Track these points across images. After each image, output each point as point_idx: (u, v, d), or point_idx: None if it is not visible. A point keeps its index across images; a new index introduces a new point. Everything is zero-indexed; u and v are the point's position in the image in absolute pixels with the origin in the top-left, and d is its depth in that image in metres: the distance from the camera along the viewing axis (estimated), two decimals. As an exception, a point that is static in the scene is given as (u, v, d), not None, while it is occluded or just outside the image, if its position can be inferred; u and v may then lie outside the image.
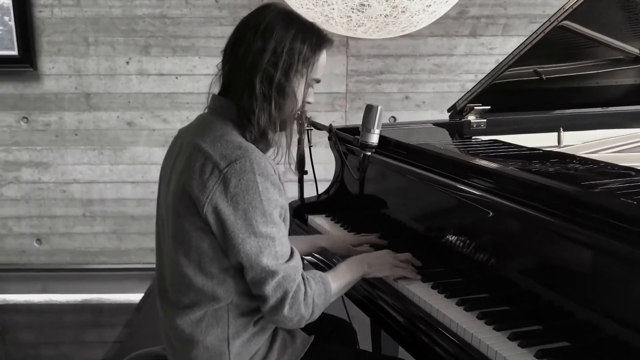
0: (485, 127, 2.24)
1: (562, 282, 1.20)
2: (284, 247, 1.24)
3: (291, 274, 1.22)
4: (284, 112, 1.29)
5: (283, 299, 1.21)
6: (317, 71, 1.34)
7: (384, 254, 1.49)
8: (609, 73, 2.44)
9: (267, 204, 1.21)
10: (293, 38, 1.27)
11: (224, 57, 1.34)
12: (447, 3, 2.35)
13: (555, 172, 1.42)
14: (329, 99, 3.41)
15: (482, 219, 1.40)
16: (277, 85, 1.27)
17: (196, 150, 1.26)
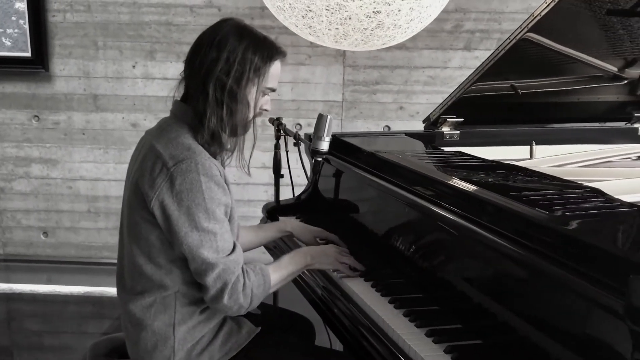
0: (458, 138, 2.32)
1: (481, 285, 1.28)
2: (226, 242, 1.34)
3: (231, 267, 1.33)
4: (235, 117, 1.40)
5: (222, 289, 1.32)
6: (270, 80, 1.45)
7: (328, 247, 1.60)
8: (589, 89, 2.49)
9: (210, 201, 1.32)
10: (245, 49, 1.39)
11: (184, 66, 1.46)
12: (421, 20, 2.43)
13: (491, 182, 1.49)
14: (326, 107, 3.51)
15: (420, 224, 1.49)
16: (229, 92, 1.38)
17: (151, 150, 1.38)
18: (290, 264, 1.50)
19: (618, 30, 2.27)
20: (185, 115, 1.42)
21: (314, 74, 3.46)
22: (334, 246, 1.62)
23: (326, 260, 1.55)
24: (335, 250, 1.59)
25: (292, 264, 1.50)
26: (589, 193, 1.39)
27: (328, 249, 1.59)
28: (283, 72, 3.62)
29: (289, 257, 1.52)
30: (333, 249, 1.58)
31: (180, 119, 1.43)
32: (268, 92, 1.48)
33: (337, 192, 2.01)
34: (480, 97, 2.30)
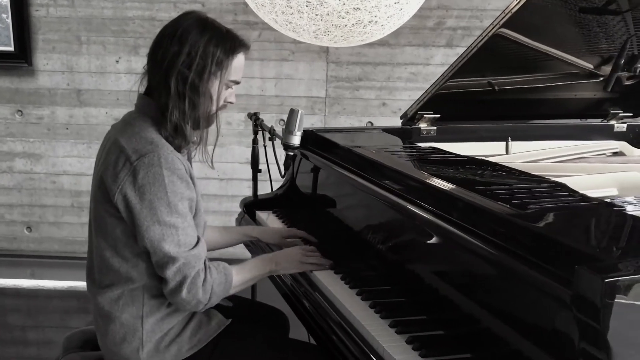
0: (435, 134, 2.34)
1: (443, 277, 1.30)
2: (188, 236, 1.36)
3: (192, 262, 1.34)
4: (198, 110, 1.41)
5: (181, 283, 1.33)
6: (233, 73, 1.45)
7: (294, 251, 1.60)
8: (566, 86, 2.51)
9: (173, 195, 1.34)
10: (207, 42, 1.40)
11: (147, 60, 1.47)
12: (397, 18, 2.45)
13: (459, 177, 1.52)
14: (309, 102, 3.53)
15: (388, 218, 1.51)
16: (190, 85, 1.38)
17: (114, 144, 1.39)
18: (255, 268, 1.52)
19: (594, 27, 2.29)
20: (148, 109, 1.43)
21: (298, 70, 3.48)
22: (299, 247, 1.62)
23: (291, 265, 1.57)
24: (301, 252, 1.59)
25: (256, 269, 1.52)
26: (553, 188, 1.42)
27: (293, 252, 1.60)
28: (266, 67, 3.66)
29: (253, 262, 1.54)
30: (299, 252, 1.59)
31: (144, 112, 1.44)
32: (232, 85, 1.48)
33: (313, 187, 2.03)
34: (457, 93, 2.32)
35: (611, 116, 2.58)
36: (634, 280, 0.87)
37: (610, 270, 0.88)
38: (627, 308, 0.87)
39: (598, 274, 0.85)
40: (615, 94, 2.56)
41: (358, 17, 2.41)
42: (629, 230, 1.13)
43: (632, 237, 1.10)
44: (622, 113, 2.58)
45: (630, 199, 1.72)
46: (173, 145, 1.39)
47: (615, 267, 0.90)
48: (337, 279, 1.52)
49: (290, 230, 1.80)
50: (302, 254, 1.60)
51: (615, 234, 1.12)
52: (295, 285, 1.59)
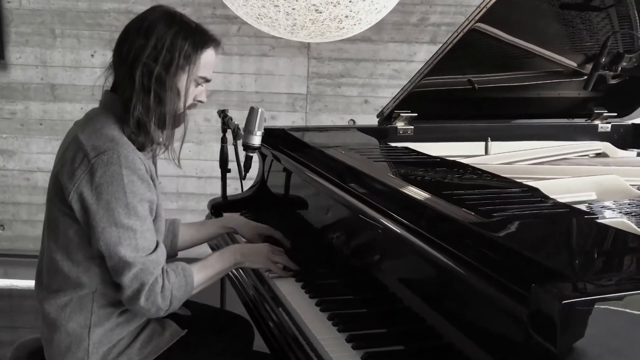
0: (412, 133, 2.27)
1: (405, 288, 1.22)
2: (146, 241, 1.28)
3: (149, 267, 1.26)
4: (164, 105, 1.33)
5: (139, 290, 1.25)
6: (203, 69, 1.38)
7: (261, 246, 1.54)
8: (550, 85, 2.44)
9: (132, 196, 1.26)
10: (174, 35, 1.32)
11: (112, 54, 1.39)
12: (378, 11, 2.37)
13: (427, 181, 1.44)
14: (290, 99, 3.44)
15: (351, 223, 1.43)
16: (157, 79, 1.31)
17: (74, 141, 1.31)
18: (218, 262, 1.43)
19: (577, 24, 2.22)
20: (112, 105, 1.36)
21: (278, 66, 3.39)
22: (267, 245, 1.56)
23: (257, 259, 1.49)
24: (269, 249, 1.52)
25: (220, 262, 1.44)
26: (525, 193, 1.34)
27: (261, 247, 1.53)
28: (245, 63, 3.57)
29: (216, 255, 1.45)
30: (266, 248, 1.52)
31: (107, 109, 1.36)
32: (202, 82, 1.41)
33: (283, 188, 1.95)
34: (436, 91, 2.24)
35: (595, 116, 2.51)
36: (595, 301, 0.79)
37: (570, 290, 0.81)
38: (587, 330, 0.80)
39: (555, 295, 0.78)
40: (599, 93, 2.49)
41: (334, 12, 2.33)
42: (597, 242, 1.06)
43: (599, 250, 1.02)
44: (606, 113, 2.51)
45: (609, 204, 1.65)
46: (136, 144, 1.32)
47: (576, 286, 0.82)
48: (297, 287, 1.45)
49: (267, 229, 1.73)
50: (270, 251, 1.53)
51: (582, 246, 1.04)
52: (256, 294, 1.51)
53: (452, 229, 1.12)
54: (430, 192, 1.31)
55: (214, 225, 1.75)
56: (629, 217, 1.55)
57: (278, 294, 1.44)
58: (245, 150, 1.61)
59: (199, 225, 1.74)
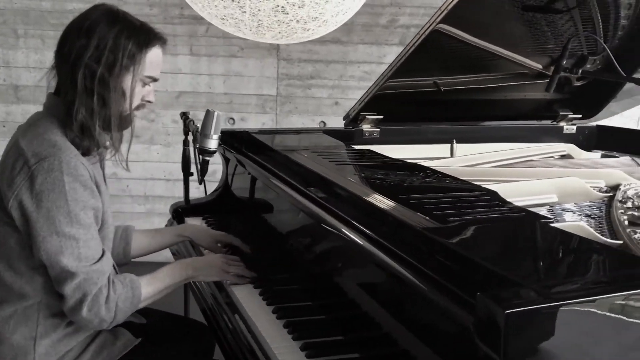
0: (378, 136, 2.25)
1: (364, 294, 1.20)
2: (90, 250, 1.24)
3: (93, 277, 1.22)
4: (108, 107, 1.29)
5: (82, 300, 1.21)
6: (149, 69, 1.34)
7: (215, 258, 1.50)
8: (516, 87, 2.44)
9: (74, 204, 1.21)
10: (117, 34, 1.28)
11: (54, 57, 1.34)
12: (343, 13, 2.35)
13: (386, 185, 1.42)
14: (260, 101, 3.41)
15: (308, 227, 1.41)
16: (99, 80, 1.27)
17: (14, 146, 1.27)
18: (168, 276, 1.40)
19: (542, 26, 2.22)
20: (55, 108, 1.31)
21: (247, 67, 3.36)
22: (221, 256, 1.52)
23: (211, 271, 1.46)
24: (222, 260, 1.49)
25: (170, 276, 1.40)
26: (482, 197, 1.33)
27: (214, 259, 1.50)
28: (214, 64, 3.53)
29: (167, 269, 1.41)
30: (220, 260, 1.49)
31: (50, 113, 1.32)
32: (149, 82, 1.37)
33: (247, 192, 1.92)
34: (402, 93, 2.23)
35: (560, 118, 2.52)
36: (543, 309, 0.78)
37: (516, 298, 0.79)
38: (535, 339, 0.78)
39: (500, 304, 0.76)
40: (565, 95, 2.50)
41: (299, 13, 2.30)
42: (549, 248, 1.05)
43: (551, 256, 1.01)
44: (571, 115, 2.52)
45: (570, 206, 1.65)
46: (80, 148, 1.28)
47: (523, 294, 0.81)
48: (255, 294, 1.42)
49: (225, 236, 1.69)
50: (224, 262, 1.49)
51: (534, 252, 1.03)
52: (213, 302, 1.48)
53: (406, 235, 1.10)
54: (387, 197, 1.29)
55: (169, 234, 1.71)
56: (588, 219, 1.56)
57: (235, 301, 1.41)
58: (201, 155, 1.57)
59: (154, 233, 1.70)
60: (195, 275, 1.44)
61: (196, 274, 1.44)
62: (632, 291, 0.82)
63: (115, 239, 1.58)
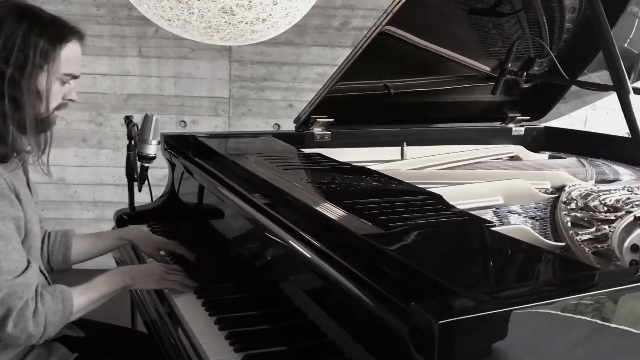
0: (329, 139, 2.24)
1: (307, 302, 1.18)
2: (12, 262, 1.17)
3: (17, 291, 1.16)
4: (23, 109, 1.22)
5: (6, 316, 1.15)
6: (66, 66, 1.27)
7: (154, 266, 1.46)
8: (465, 89, 2.46)
9: None
10: (26, 32, 1.21)
11: None
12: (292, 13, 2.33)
13: (332, 189, 1.40)
14: (212, 103, 3.35)
15: (252, 234, 1.37)
16: (10, 81, 1.20)
17: None
18: (105, 285, 1.34)
19: (490, 30, 2.24)
20: None
21: (199, 69, 3.30)
22: (161, 264, 1.48)
23: (149, 280, 1.41)
24: (162, 269, 1.44)
25: (106, 285, 1.34)
26: (426, 201, 1.32)
27: (153, 267, 1.45)
28: (164, 66, 3.45)
29: (103, 278, 1.36)
30: (159, 268, 1.44)
31: None
32: (68, 80, 1.30)
33: (193, 198, 1.87)
34: (352, 96, 2.22)
35: (509, 119, 2.55)
36: (477, 319, 0.76)
37: (452, 307, 0.78)
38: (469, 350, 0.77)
39: (433, 313, 0.75)
40: (514, 97, 2.54)
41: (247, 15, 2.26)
42: (489, 253, 1.04)
43: (490, 262, 1.01)
44: (520, 116, 2.56)
45: (516, 208, 1.66)
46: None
47: (458, 303, 0.79)
48: (198, 304, 1.38)
49: (168, 243, 1.64)
50: (164, 271, 1.44)
51: (474, 258, 1.02)
52: (155, 314, 1.43)
53: (347, 241, 1.08)
54: (332, 202, 1.27)
55: (110, 237, 1.65)
56: (533, 221, 1.57)
57: (177, 312, 1.36)
58: (139, 161, 1.52)
59: (95, 237, 1.63)
60: (133, 283, 1.39)
61: (134, 282, 1.39)
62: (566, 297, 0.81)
63: (55, 244, 1.52)
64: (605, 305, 0.86)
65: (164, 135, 1.96)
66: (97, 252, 1.62)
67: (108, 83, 3.27)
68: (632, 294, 0.89)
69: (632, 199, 1.71)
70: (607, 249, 1.32)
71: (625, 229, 1.46)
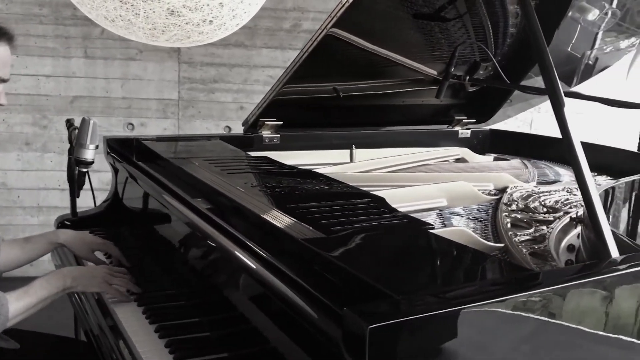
0: (279, 142, 2.22)
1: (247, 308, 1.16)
2: None
3: None
4: None
5: None
6: None
7: (97, 268, 1.42)
8: (414, 92, 2.49)
9: None
10: None
11: None
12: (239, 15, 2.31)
13: (276, 193, 1.39)
14: (160, 105, 3.29)
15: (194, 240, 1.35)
16: None
17: None
18: (43, 288, 1.29)
19: (436, 34, 2.28)
20: None
21: (146, 70, 3.23)
22: (105, 266, 1.44)
23: (92, 282, 1.36)
24: (106, 271, 1.40)
25: (45, 288, 1.29)
26: (369, 204, 1.33)
27: (96, 269, 1.41)
28: (110, 67, 3.37)
29: (41, 281, 1.31)
30: (102, 270, 1.40)
31: None
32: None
33: (136, 203, 1.82)
34: (302, 99, 2.22)
35: (456, 122, 2.60)
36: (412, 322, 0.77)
37: (384, 311, 0.78)
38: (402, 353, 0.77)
39: (365, 318, 0.75)
40: (460, 100, 2.58)
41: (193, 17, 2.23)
42: (426, 256, 1.05)
43: (427, 265, 1.02)
44: (466, 119, 2.61)
45: (459, 210, 1.69)
46: None
47: (390, 307, 0.80)
48: (138, 312, 1.34)
49: (104, 244, 1.59)
50: (107, 273, 1.40)
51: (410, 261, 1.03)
52: (95, 320, 1.39)
53: (288, 246, 1.08)
54: (274, 206, 1.26)
55: (40, 241, 1.57)
56: (475, 223, 1.60)
57: (116, 320, 1.33)
58: (77, 166, 1.48)
59: (24, 243, 1.56)
60: (74, 285, 1.34)
61: (75, 284, 1.34)
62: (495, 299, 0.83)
63: None
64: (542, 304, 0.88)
65: (107, 139, 1.91)
66: (27, 258, 1.56)
67: (52, 85, 3.17)
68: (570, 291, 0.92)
69: (570, 199, 1.76)
70: (544, 250, 1.35)
71: (562, 229, 1.50)
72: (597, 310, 0.95)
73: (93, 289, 1.38)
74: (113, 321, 1.34)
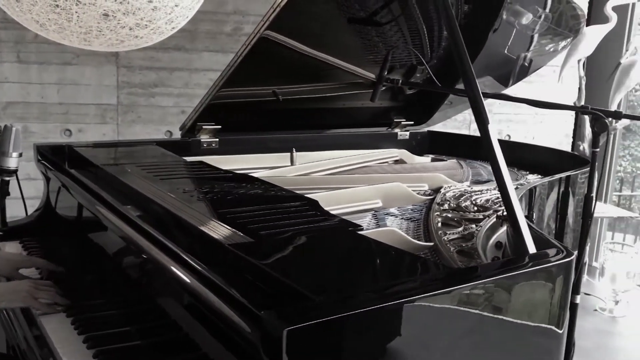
0: (217, 146, 2.21)
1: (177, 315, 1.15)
2: None
3: None
4: None
5: None
6: None
7: (20, 283, 1.37)
8: (353, 95, 2.52)
9: None
10: None
11: None
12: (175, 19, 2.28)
13: (208, 198, 1.38)
14: (99, 110, 3.22)
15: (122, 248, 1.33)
16: None
17: None
18: None
19: (373, 37, 2.31)
20: None
21: (84, 75, 3.15)
22: (29, 280, 1.39)
23: (15, 297, 1.32)
24: (30, 285, 1.36)
25: None
26: (301, 207, 1.34)
27: (19, 284, 1.36)
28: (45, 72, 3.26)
29: None
30: (27, 285, 1.36)
31: None
32: None
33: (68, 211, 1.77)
34: (241, 103, 2.21)
35: (395, 124, 2.65)
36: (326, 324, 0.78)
37: (302, 313, 0.79)
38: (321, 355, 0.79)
39: (283, 320, 0.76)
40: (399, 102, 2.63)
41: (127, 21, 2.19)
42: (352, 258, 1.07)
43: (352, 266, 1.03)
44: (404, 121, 2.66)
45: (394, 211, 1.72)
46: None
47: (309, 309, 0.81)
48: (67, 323, 1.31)
49: (27, 260, 1.54)
50: (32, 287, 1.36)
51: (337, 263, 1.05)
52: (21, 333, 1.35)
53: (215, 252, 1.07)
54: (205, 212, 1.26)
55: None
56: (408, 223, 1.63)
57: (44, 333, 1.29)
58: (0, 175, 1.43)
59: None
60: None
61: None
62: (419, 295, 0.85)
63: None
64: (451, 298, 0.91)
65: (37, 146, 1.86)
66: None
67: (-17, 90, 3.05)
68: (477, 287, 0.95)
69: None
70: (471, 247, 1.40)
71: (491, 227, 1.55)
72: (513, 302, 0.99)
73: (17, 304, 1.34)
74: (39, 332, 1.31)
